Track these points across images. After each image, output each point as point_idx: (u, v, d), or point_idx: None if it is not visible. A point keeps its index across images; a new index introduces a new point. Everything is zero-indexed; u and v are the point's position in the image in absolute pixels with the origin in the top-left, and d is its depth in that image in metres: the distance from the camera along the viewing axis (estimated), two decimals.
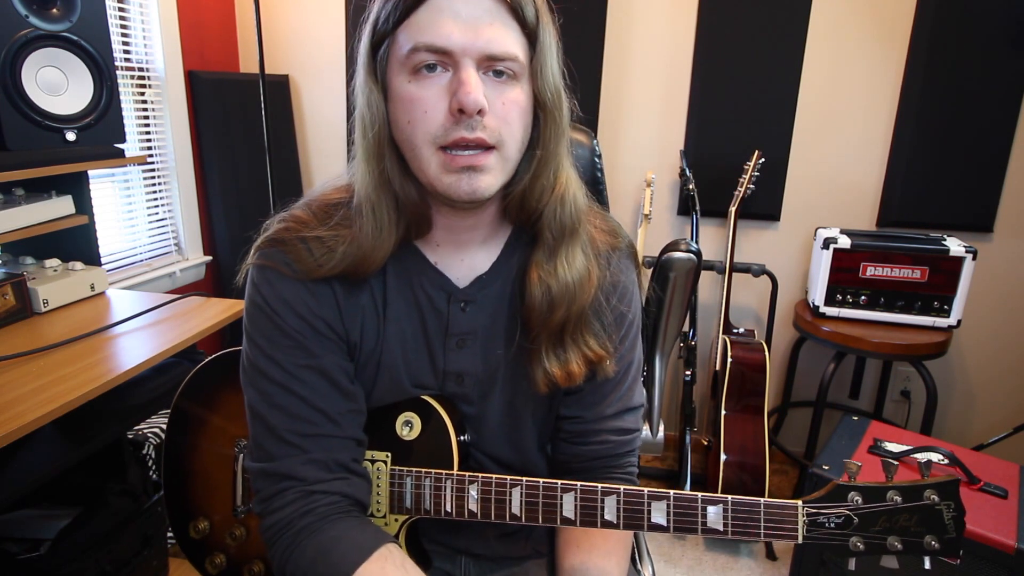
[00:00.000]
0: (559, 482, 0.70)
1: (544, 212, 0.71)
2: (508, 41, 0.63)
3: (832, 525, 0.65)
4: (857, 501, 0.65)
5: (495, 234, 0.76)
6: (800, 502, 0.65)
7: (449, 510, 0.74)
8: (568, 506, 0.69)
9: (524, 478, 0.71)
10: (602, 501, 0.68)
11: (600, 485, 0.69)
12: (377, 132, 0.66)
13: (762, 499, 0.65)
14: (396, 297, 0.74)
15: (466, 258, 0.75)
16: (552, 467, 0.86)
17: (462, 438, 0.77)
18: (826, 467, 1.45)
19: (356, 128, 0.68)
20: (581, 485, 0.69)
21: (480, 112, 0.62)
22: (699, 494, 0.66)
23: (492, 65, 0.63)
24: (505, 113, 0.64)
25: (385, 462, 0.77)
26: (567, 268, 0.72)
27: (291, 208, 0.74)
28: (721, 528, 0.66)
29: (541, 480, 0.70)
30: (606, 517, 0.68)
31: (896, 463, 0.67)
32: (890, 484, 0.65)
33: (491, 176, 0.65)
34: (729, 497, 0.65)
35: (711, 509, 0.66)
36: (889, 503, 0.64)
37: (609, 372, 0.78)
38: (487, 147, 0.64)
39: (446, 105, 0.62)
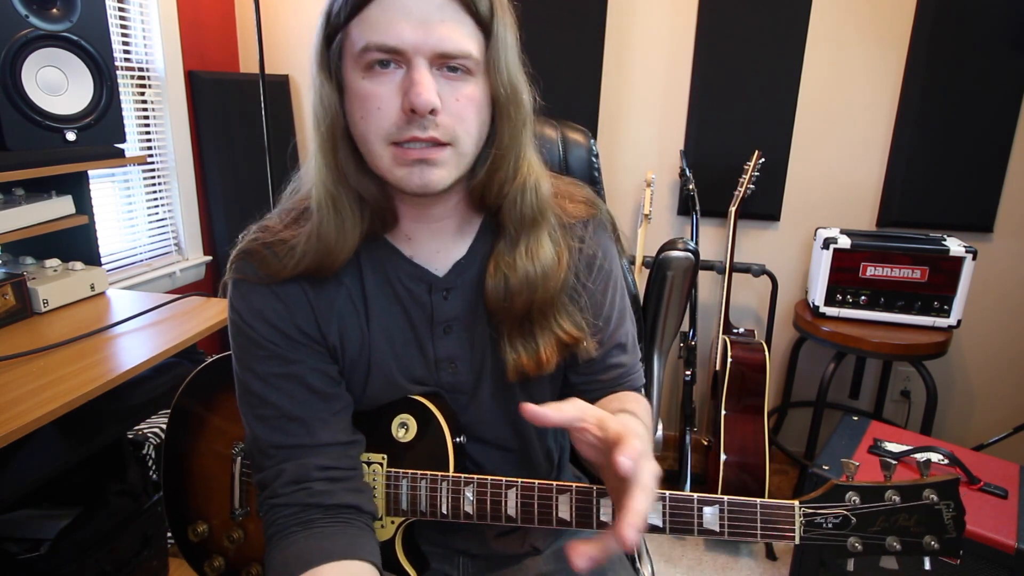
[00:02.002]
0: (554, 483, 0.70)
1: (504, 204, 0.71)
2: (460, 38, 0.61)
3: (830, 525, 0.64)
4: (855, 501, 0.64)
5: (468, 222, 0.76)
6: (797, 502, 0.64)
7: (445, 512, 0.74)
8: (563, 507, 0.69)
9: (520, 480, 0.71)
10: (598, 503, 0.68)
11: (595, 487, 0.68)
12: (330, 126, 0.66)
13: (758, 499, 0.65)
14: (376, 295, 0.74)
15: (441, 248, 0.75)
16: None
17: (458, 440, 0.77)
18: (826, 467, 1.45)
19: (310, 123, 0.68)
20: (576, 487, 0.69)
21: (433, 112, 0.61)
22: (695, 495, 0.65)
23: (445, 62, 0.62)
24: (459, 110, 0.63)
25: (381, 464, 0.77)
26: (527, 259, 0.71)
27: (264, 219, 0.75)
28: (717, 529, 0.65)
29: (536, 482, 0.70)
30: (602, 518, 0.68)
31: (894, 462, 0.66)
32: (889, 484, 0.64)
33: (444, 170, 0.65)
34: (725, 498, 0.65)
35: (707, 510, 0.65)
36: (887, 503, 0.64)
37: (591, 352, 0.77)
38: (441, 144, 0.63)
39: (399, 103, 0.62)
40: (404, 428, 0.77)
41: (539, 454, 0.85)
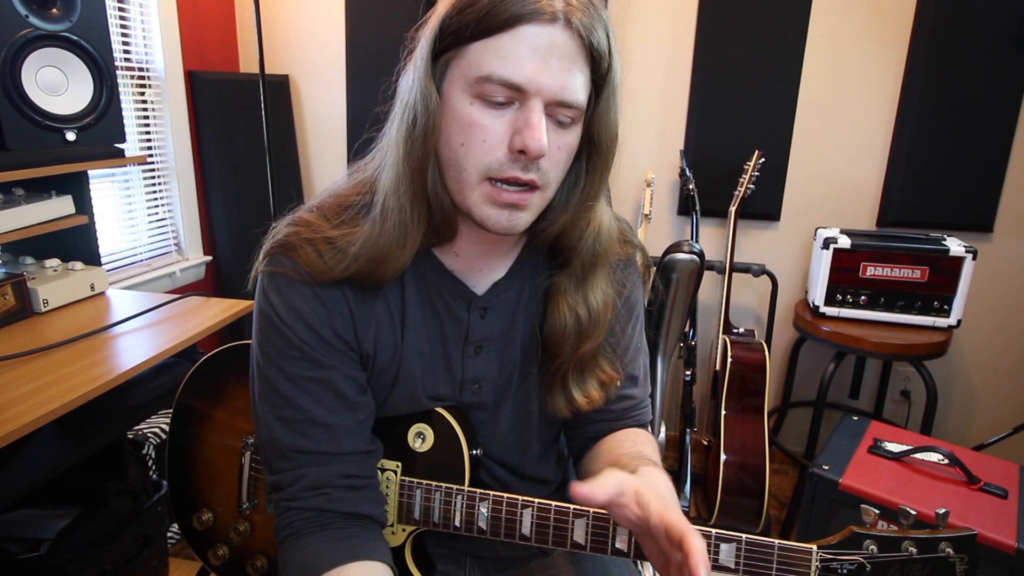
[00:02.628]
0: (571, 507, 0.69)
1: (578, 246, 0.71)
2: (579, 90, 0.62)
3: (844, 572, 0.64)
4: (872, 550, 0.64)
5: (515, 244, 0.76)
6: (815, 547, 0.64)
7: (458, 525, 0.73)
8: (579, 531, 0.69)
9: (536, 500, 0.71)
10: (614, 530, 0.68)
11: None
12: (426, 138, 0.63)
13: (776, 541, 0.64)
14: (414, 306, 0.73)
15: (484, 267, 0.75)
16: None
17: (474, 452, 0.76)
18: (826, 467, 1.45)
19: (398, 126, 0.65)
20: (593, 512, 0.68)
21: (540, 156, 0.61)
22: (713, 531, 0.65)
23: (557, 111, 0.62)
24: (557, 157, 0.64)
25: (395, 472, 0.76)
26: (595, 297, 0.73)
27: (299, 210, 0.72)
28: (732, 566, 0.65)
29: (553, 503, 0.70)
30: (617, 546, 0.67)
31: (913, 512, 0.66)
32: (906, 534, 0.64)
33: (530, 213, 0.65)
34: (743, 536, 0.65)
35: (724, 547, 0.65)
36: (904, 553, 0.64)
37: (613, 394, 0.79)
38: (535, 187, 0.63)
39: (507, 140, 0.61)
40: (421, 438, 0.76)
41: (541, 473, 0.85)
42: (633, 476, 0.61)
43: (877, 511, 0.66)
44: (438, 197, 0.66)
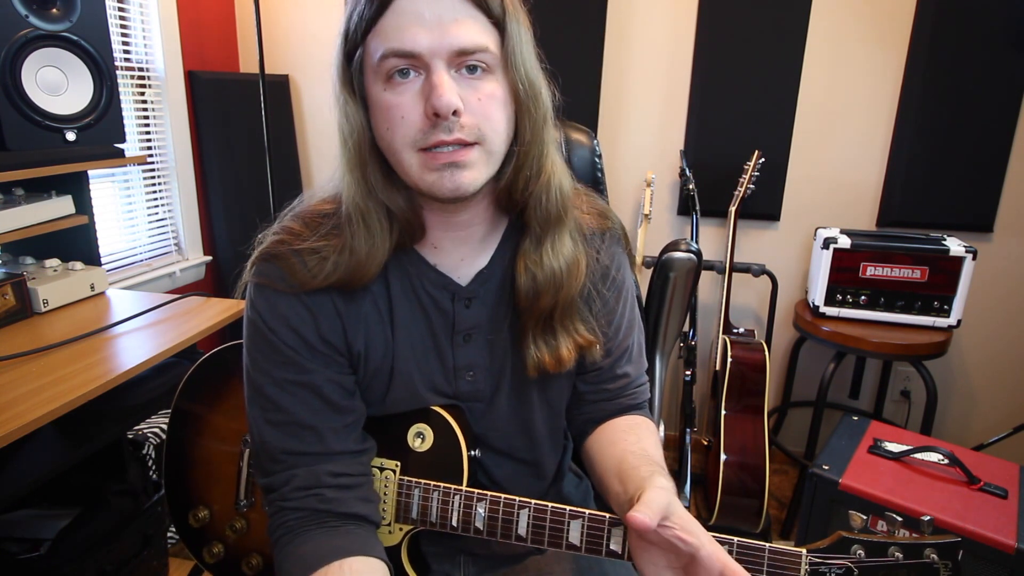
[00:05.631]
0: (567, 508, 0.70)
1: (529, 202, 0.71)
2: (475, 33, 0.62)
3: None
4: (860, 554, 0.66)
5: (493, 229, 0.77)
6: (804, 550, 0.66)
7: (455, 525, 0.74)
8: (575, 533, 0.70)
9: (533, 500, 0.71)
10: (609, 532, 0.69)
11: (608, 516, 0.69)
12: (357, 142, 0.66)
13: (767, 544, 0.66)
14: (401, 302, 0.74)
15: (466, 257, 0.76)
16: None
17: (473, 453, 0.77)
18: (826, 467, 1.45)
19: (338, 139, 0.69)
20: (589, 513, 0.69)
21: (456, 113, 0.61)
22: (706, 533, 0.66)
23: (464, 61, 0.62)
24: (483, 109, 0.64)
25: (394, 471, 0.77)
26: (552, 256, 0.72)
27: (282, 220, 0.74)
28: None
29: (549, 504, 0.71)
30: (611, 547, 0.68)
31: (900, 518, 0.68)
32: (893, 540, 0.66)
33: (474, 171, 0.65)
34: (735, 539, 0.66)
35: None
36: (890, 558, 0.66)
37: (597, 357, 0.79)
38: (468, 144, 0.64)
39: (422, 109, 0.62)
40: (420, 438, 0.77)
41: (550, 460, 0.86)
42: (665, 495, 0.62)
43: (864, 517, 0.68)
44: (387, 195, 0.68)
